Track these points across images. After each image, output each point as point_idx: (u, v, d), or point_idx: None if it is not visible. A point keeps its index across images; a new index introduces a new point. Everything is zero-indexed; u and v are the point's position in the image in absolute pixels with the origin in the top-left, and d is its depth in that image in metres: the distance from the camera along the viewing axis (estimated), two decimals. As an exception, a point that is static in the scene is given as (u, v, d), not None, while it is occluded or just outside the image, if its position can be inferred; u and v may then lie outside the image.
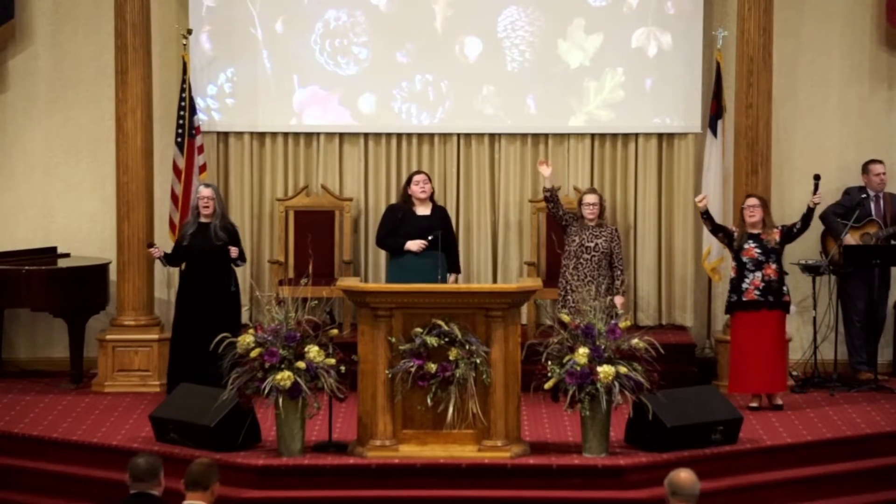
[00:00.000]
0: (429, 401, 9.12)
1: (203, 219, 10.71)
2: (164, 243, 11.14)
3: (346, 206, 12.07)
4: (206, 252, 10.66)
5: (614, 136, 12.18)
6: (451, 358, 9.07)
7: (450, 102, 12.09)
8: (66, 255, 11.92)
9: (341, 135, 12.20)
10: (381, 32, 12.05)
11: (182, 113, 11.59)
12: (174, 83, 11.84)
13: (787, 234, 10.62)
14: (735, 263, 10.63)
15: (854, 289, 11.64)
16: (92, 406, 10.77)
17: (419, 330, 9.12)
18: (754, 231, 10.56)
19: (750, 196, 10.73)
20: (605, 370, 9.04)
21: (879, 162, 11.78)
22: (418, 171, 11.16)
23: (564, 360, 9.15)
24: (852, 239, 11.48)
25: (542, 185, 11.15)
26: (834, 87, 12.12)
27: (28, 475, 9.69)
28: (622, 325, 9.31)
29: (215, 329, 9.41)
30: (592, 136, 12.17)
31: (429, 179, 10.95)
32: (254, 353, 9.10)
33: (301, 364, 9.07)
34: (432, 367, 9.07)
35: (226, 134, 12.21)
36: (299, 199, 12.10)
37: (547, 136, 12.18)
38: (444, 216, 10.98)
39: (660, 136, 12.16)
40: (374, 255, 12.16)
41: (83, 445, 9.69)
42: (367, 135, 12.20)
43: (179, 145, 11.57)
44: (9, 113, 12.15)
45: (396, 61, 12.05)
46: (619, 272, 10.90)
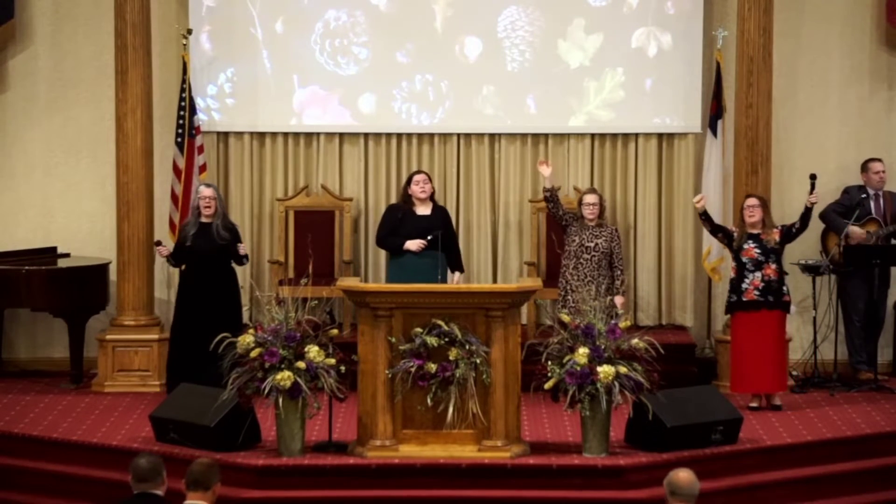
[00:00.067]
0: (429, 401, 9.11)
1: (204, 219, 10.71)
2: (165, 243, 11.12)
3: (346, 206, 12.07)
4: (209, 252, 10.66)
5: (614, 136, 12.18)
6: (451, 358, 9.07)
7: (450, 102, 12.09)
8: (66, 255, 11.92)
9: (341, 135, 12.20)
10: (381, 32, 12.04)
11: (182, 113, 11.59)
12: (174, 83, 11.84)
13: (787, 234, 10.62)
14: (735, 263, 10.63)
15: (854, 288, 11.63)
16: (92, 406, 10.77)
17: (419, 330, 9.11)
18: (754, 231, 10.56)
19: (750, 196, 10.73)
20: (605, 370, 9.04)
21: (878, 160, 11.78)
22: (418, 171, 11.16)
23: (564, 360, 9.15)
24: (858, 229, 11.46)
25: (542, 185, 11.15)
26: (834, 87, 12.12)
27: (28, 475, 9.68)
28: (622, 325, 9.30)
29: (217, 329, 9.40)
30: (592, 136, 12.17)
31: (429, 179, 10.94)
32: (254, 353, 9.09)
33: (301, 364, 9.06)
34: (432, 367, 9.06)
35: (226, 134, 12.21)
36: (299, 199, 12.10)
37: (547, 136, 12.18)
38: (444, 216, 10.97)
39: (660, 136, 12.16)
40: (374, 255, 12.16)
41: (83, 445, 9.69)
42: (367, 135, 12.19)
43: (179, 145, 11.57)
44: (9, 113, 12.14)
45: (396, 61, 12.05)
46: (619, 272, 10.90)
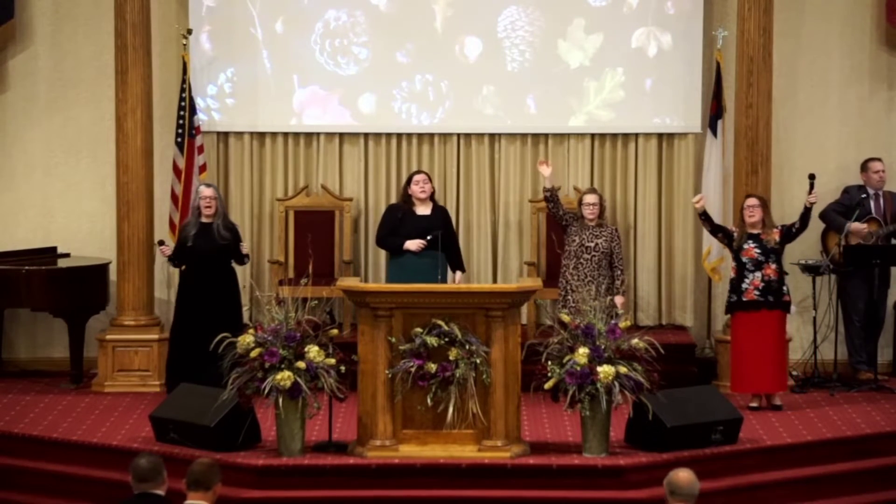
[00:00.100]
0: (429, 401, 9.11)
1: (205, 219, 10.70)
2: (167, 243, 11.11)
3: (346, 206, 12.06)
4: (210, 252, 10.66)
5: (614, 136, 12.18)
6: (451, 358, 9.07)
7: (450, 102, 12.09)
8: (66, 255, 11.91)
9: (341, 135, 12.20)
10: (381, 32, 12.04)
11: (182, 113, 11.58)
12: (174, 83, 11.83)
13: (787, 234, 10.62)
14: (735, 263, 10.63)
15: (854, 288, 11.63)
16: (92, 406, 10.77)
17: (419, 330, 9.11)
18: (754, 231, 10.56)
19: (750, 196, 10.73)
20: (605, 370, 9.04)
21: (878, 160, 11.79)
22: (418, 171, 11.15)
23: (564, 360, 9.15)
24: (859, 225, 11.46)
25: (542, 185, 11.15)
26: (834, 87, 12.12)
27: (28, 475, 9.68)
28: (622, 325, 9.30)
29: (217, 329, 9.39)
30: (592, 136, 12.17)
31: (429, 179, 10.94)
32: (254, 353, 9.09)
33: (301, 364, 9.06)
34: (432, 367, 9.06)
35: (226, 134, 12.21)
36: (299, 199, 12.10)
37: (547, 136, 12.18)
38: (444, 216, 10.97)
39: (660, 136, 12.16)
40: (374, 255, 12.15)
41: (83, 445, 9.69)
42: (367, 135, 12.19)
43: (179, 145, 11.57)
44: (9, 113, 12.14)
45: (396, 61, 12.05)
46: (619, 272, 10.90)
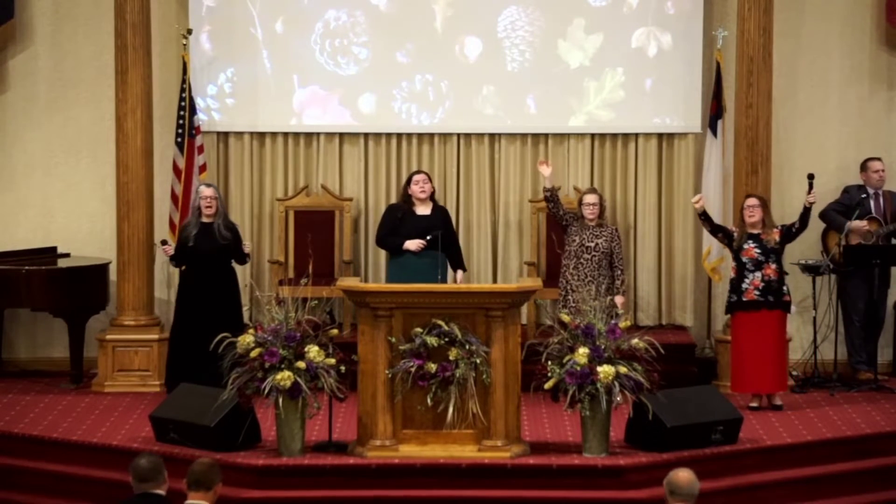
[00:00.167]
0: (429, 401, 9.11)
1: (205, 219, 10.70)
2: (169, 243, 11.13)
3: (346, 206, 12.06)
4: (211, 252, 10.66)
5: (614, 136, 12.17)
6: (451, 358, 9.07)
7: (450, 102, 12.09)
8: (66, 255, 11.91)
9: (341, 135, 12.20)
10: (381, 32, 12.04)
11: (182, 113, 11.59)
12: (174, 83, 11.83)
13: (787, 234, 10.61)
14: (735, 263, 10.63)
15: (854, 288, 11.63)
16: (92, 406, 10.76)
17: (419, 330, 9.11)
18: (754, 231, 10.56)
19: (750, 196, 10.72)
20: (605, 370, 9.04)
21: (878, 159, 11.79)
22: (418, 171, 11.16)
23: (564, 360, 9.14)
24: (859, 222, 11.46)
25: (542, 185, 11.15)
26: (834, 87, 12.12)
27: (28, 475, 9.68)
28: (622, 325, 9.30)
29: (217, 329, 9.39)
30: (592, 136, 12.17)
31: (429, 179, 10.94)
32: (254, 353, 9.09)
33: (301, 364, 9.06)
34: (432, 367, 9.06)
35: (226, 134, 12.21)
36: (299, 199, 12.09)
37: (547, 136, 12.18)
38: (444, 216, 10.97)
39: (660, 136, 12.16)
40: (374, 255, 12.15)
41: (83, 445, 9.68)
42: (367, 135, 12.19)
43: (179, 145, 11.57)
44: (9, 113, 12.14)
45: (396, 61, 12.05)
46: (620, 272, 10.91)
